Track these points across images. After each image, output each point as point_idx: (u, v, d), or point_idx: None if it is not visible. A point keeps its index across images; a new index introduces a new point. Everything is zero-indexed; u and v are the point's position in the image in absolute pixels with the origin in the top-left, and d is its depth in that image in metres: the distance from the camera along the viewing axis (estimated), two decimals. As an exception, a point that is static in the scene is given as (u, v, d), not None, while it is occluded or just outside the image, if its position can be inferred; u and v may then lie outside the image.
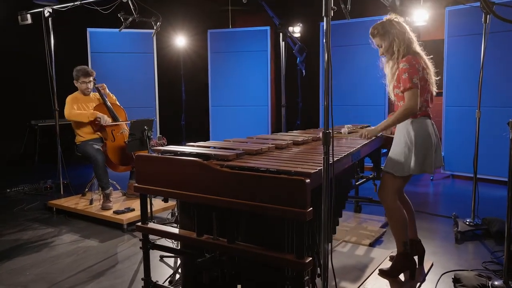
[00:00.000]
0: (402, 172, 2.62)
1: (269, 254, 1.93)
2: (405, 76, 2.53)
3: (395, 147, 2.68)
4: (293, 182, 1.81)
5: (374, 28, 2.68)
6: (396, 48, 2.59)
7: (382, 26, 2.64)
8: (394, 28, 2.61)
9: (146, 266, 2.40)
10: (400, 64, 2.58)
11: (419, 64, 2.56)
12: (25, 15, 4.48)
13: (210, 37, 7.28)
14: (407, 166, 2.60)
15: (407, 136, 2.61)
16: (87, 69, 4.33)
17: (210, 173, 2.04)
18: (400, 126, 2.66)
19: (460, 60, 5.55)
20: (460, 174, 5.69)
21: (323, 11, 1.59)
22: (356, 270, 2.92)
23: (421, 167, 2.59)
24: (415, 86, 2.51)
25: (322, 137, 1.68)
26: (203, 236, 2.15)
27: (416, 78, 2.52)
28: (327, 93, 1.64)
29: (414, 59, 2.56)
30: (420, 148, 2.58)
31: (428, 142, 2.60)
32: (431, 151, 2.60)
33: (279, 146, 2.60)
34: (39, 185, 5.37)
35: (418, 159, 2.58)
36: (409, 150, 2.60)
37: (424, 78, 2.58)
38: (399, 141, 2.65)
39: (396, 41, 2.59)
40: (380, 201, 2.77)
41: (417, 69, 2.53)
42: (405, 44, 2.59)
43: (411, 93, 2.51)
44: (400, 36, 2.59)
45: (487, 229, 3.57)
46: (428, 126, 2.62)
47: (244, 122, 7.30)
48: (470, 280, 2.51)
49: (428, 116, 2.66)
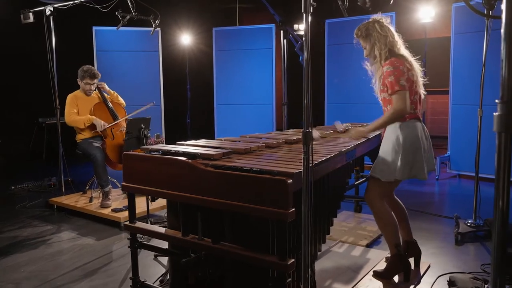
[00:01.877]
0: (389, 177, 2.52)
1: (252, 255, 1.91)
2: (391, 79, 2.44)
3: (383, 151, 2.58)
4: (275, 182, 1.78)
5: (358, 29, 2.62)
6: (378, 52, 2.53)
7: (366, 28, 2.58)
8: (376, 31, 2.54)
9: (134, 265, 2.40)
10: (384, 68, 2.51)
11: (403, 65, 2.47)
12: (27, 13, 4.51)
13: (215, 35, 7.26)
14: (394, 171, 2.49)
15: (395, 139, 2.51)
16: (94, 71, 4.34)
17: (194, 173, 2.02)
18: (389, 129, 2.57)
19: (466, 58, 5.43)
20: (467, 173, 5.58)
21: (302, 8, 1.54)
22: (350, 271, 2.88)
23: (409, 172, 2.49)
24: (403, 88, 2.42)
25: (302, 137, 1.64)
26: (188, 236, 2.13)
27: (403, 79, 2.43)
28: (307, 91, 1.59)
29: (398, 61, 2.47)
30: (408, 152, 2.48)
31: (417, 146, 2.49)
32: (421, 155, 2.50)
33: (269, 145, 2.56)
34: (43, 182, 5.43)
35: (406, 164, 2.47)
36: (396, 154, 2.49)
37: (410, 79, 2.49)
38: (387, 144, 2.56)
39: (377, 45, 2.53)
40: (368, 205, 2.70)
41: (402, 71, 2.45)
42: (387, 48, 2.51)
43: (399, 96, 2.42)
44: (382, 40, 2.52)
45: (489, 231, 3.48)
46: (417, 129, 2.52)
47: (249, 120, 7.28)
48: (465, 283, 2.44)
49: (418, 119, 2.56)
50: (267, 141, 2.65)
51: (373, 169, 2.62)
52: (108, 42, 6.87)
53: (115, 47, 6.92)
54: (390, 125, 2.57)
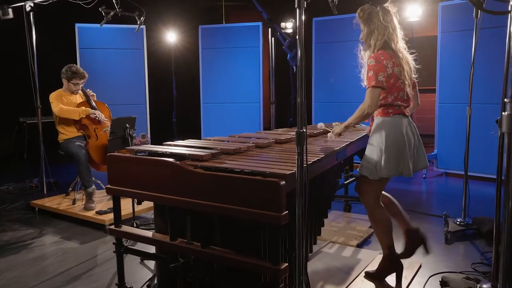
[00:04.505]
0: (375, 174, 2.45)
1: (244, 260, 1.84)
2: (370, 74, 2.36)
3: (369, 148, 2.51)
4: (267, 184, 1.72)
5: (361, 10, 2.48)
6: (373, 42, 2.42)
7: (369, 12, 2.45)
8: (377, 18, 2.41)
9: (120, 270, 2.30)
10: (368, 60, 2.42)
11: (389, 60, 2.37)
12: (6, 9, 4.35)
13: (201, 33, 7.16)
14: (379, 168, 2.42)
15: (379, 136, 2.44)
16: (83, 71, 4.23)
17: (183, 175, 1.94)
18: (374, 126, 2.50)
19: (453, 56, 5.45)
20: (454, 172, 5.60)
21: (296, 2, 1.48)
22: (342, 272, 2.83)
23: (396, 169, 2.42)
24: (379, 84, 2.34)
25: (296, 137, 1.57)
26: (176, 240, 2.05)
27: (382, 75, 2.34)
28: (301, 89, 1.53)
29: (383, 55, 2.38)
30: (391, 148, 2.40)
31: (401, 142, 2.41)
32: (405, 152, 2.42)
33: (259, 145, 2.50)
34: (24, 184, 5.27)
35: (390, 161, 2.40)
36: (380, 151, 2.42)
37: (395, 75, 2.39)
38: (372, 141, 2.49)
39: (375, 33, 2.42)
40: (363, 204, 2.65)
41: (384, 66, 2.35)
42: (383, 39, 2.40)
43: (371, 92, 2.34)
44: (381, 29, 2.41)
45: (478, 229, 3.48)
46: (402, 125, 2.43)
47: (236, 119, 7.20)
48: (458, 283, 2.42)
49: (403, 115, 2.47)
50: (257, 141, 2.58)
51: (360, 167, 2.55)
52: (92, 39, 6.71)
53: (99, 45, 6.75)
54: (375, 121, 2.50)
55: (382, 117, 2.46)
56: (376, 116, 2.52)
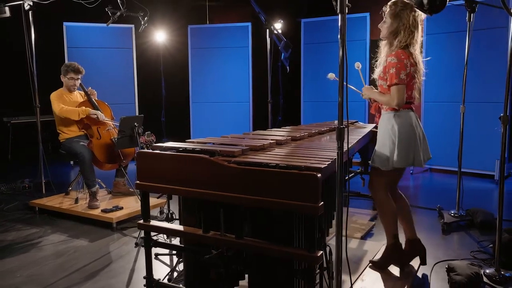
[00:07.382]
0: (387, 165, 2.60)
1: (280, 249, 1.94)
2: (392, 71, 2.48)
3: (380, 141, 2.66)
4: (305, 177, 1.83)
5: (394, 3, 2.53)
6: (397, 42, 2.52)
7: (400, 8, 2.49)
8: (407, 20, 2.48)
9: (148, 264, 2.36)
10: (388, 58, 2.52)
11: (408, 59, 2.49)
12: (3, 7, 4.28)
13: (190, 33, 7.21)
14: (391, 159, 2.57)
15: (390, 129, 2.59)
16: (77, 66, 4.21)
17: (218, 169, 2.03)
18: (384, 120, 2.65)
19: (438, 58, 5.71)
20: (438, 167, 5.88)
21: (338, 8, 1.60)
22: (352, 262, 2.98)
23: (407, 160, 2.57)
24: (402, 82, 2.47)
25: (337, 133, 1.70)
26: (209, 233, 2.14)
27: (404, 73, 2.47)
28: (341, 88, 1.66)
29: (403, 54, 2.49)
30: (404, 141, 2.56)
31: (412, 134, 2.57)
32: (417, 144, 2.59)
33: (279, 142, 2.61)
34: (16, 184, 5.19)
35: (402, 152, 2.55)
36: (393, 144, 2.57)
37: (411, 75, 2.53)
38: (383, 134, 2.64)
39: (401, 35, 2.51)
40: (371, 195, 2.81)
41: (405, 65, 2.47)
42: (406, 42, 2.50)
43: (397, 89, 2.48)
44: (407, 33, 2.50)
45: (471, 220, 3.71)
46: (411, 118, 2.60)
47: (225, 118, 7.29)
48: (464, 269, 2.60)
49: (411, 109, 2.64)
50: (274, 138, 2.70)
51: (372, 159, 2.71)
52: (80, 38, 6.66)
53: (87, 44, 6.71)
54: (384, 115, 2.66)
55: (392, 112, 2.61)
56: (386, 111, 2.67)
